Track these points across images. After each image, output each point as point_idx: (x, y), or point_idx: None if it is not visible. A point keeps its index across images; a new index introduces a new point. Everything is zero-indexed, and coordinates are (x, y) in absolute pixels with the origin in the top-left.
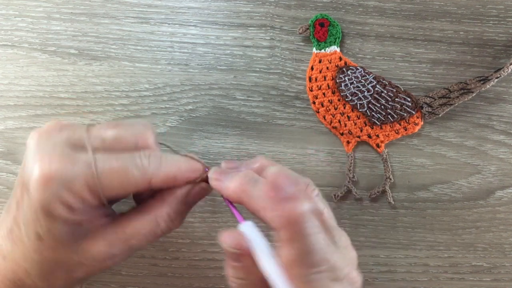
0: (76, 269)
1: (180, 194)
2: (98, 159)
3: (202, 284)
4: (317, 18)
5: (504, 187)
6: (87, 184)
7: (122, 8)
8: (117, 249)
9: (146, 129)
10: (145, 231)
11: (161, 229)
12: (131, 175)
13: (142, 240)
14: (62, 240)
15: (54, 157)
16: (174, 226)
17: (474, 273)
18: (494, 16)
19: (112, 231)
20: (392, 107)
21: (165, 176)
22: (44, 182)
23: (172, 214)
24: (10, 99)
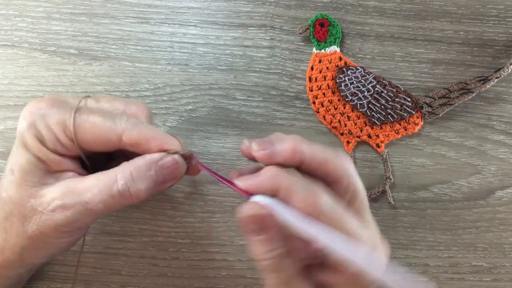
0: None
1: (150, 157)
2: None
3: (202, 284)
4: (317, 18)
5: (504, 187)
6: (62, 124)
7: (122, 8)
8: (70, 200)
9: (140, 108)
10: (100, 184)
11: (119, 187)
12: (104, 127)
13: (97, 195)
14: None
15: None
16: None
17: (474, 273)
18: (494, 16)
19: (69, 182)
20: (392, 107)
21: (138, 135)
22: (28, 112)
23: (135, 174)
24: (10, 99)
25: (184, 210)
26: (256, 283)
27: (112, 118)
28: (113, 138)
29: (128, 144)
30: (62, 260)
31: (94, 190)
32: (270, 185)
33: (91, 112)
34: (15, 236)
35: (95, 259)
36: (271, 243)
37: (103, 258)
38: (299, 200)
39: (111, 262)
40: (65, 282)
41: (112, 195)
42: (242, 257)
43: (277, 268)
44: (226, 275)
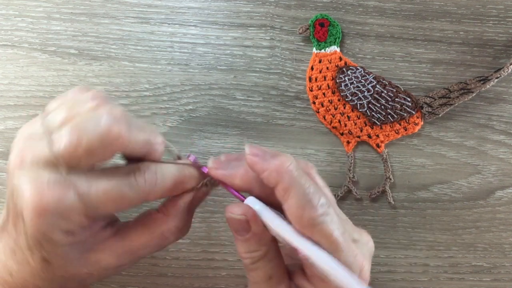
0: (86, 279)
1: (183, 204)
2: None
3: (202, 284)
4: (317, 18)
5: (504, 187)
6: (82, 211)
7: (122, 8)
8: (125, 260)
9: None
10: (153, 244)
11: (170, 241)
12: (126, 196)
13: (150, 251)
14: (69, 259)
15: (44, 186)
16: (182, 235)
17: (474, 273)
18: (494, 16)
19: (119, 245)
20: (392, 107)
21: (162, 191)
22: (38, 215)
23: (180, 225)
24: (10, 99)
25: None
26: None
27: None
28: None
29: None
30: None
31: (148, 249)
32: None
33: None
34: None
35: None
36: (251, 245)
37: None
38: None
39: None
40: None
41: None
42: None
43: (254, 267)
44: (226, 275)
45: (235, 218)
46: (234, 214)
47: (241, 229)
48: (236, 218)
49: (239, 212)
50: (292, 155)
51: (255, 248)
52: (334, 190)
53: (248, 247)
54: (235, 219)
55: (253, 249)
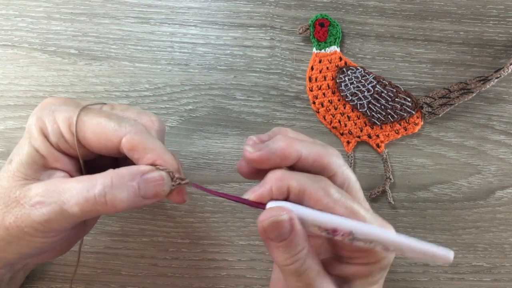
0: (10, 209)
1: (137, 168)
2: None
3: (202, 284)
4: (317, 18)
5: (504, 187)
6: (68, 119)
7: (122, 8)
8: (49, 198)
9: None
10: (79, 187)
11: (96, 192)
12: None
13: (73, 196)
14: (23, 168)
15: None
16: (111, 200)
17: (474, 273)
18: (494, 16)
19: (55, 180)
20: (392, 107)
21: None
22: (39, 106)
23: (116, 181)
24: (10, 99)
25: (184, 210)
26: (256, 283)
27: (118, 120)
28: (114, 139)
29: (126, 147)
30: (62, 260)
31: (73, 192)
32: (279, 188)
33: (99, 112)
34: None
35: (95, 259)
36: (294, 247)
37: (103, 258)
38: (311, 196)
39: (111, 262)
40: (65, 282)
41: (88, 199)
42: (242, 257)
43: (300, 271)
44: (226, 275)
45: (279, 221)
46: (277, 216)
47: (284, 232)
48: (280, 220)
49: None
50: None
51: (300, 247)
52: None
53: (293, 249)
54: (279, 222)
55: (299, 249)
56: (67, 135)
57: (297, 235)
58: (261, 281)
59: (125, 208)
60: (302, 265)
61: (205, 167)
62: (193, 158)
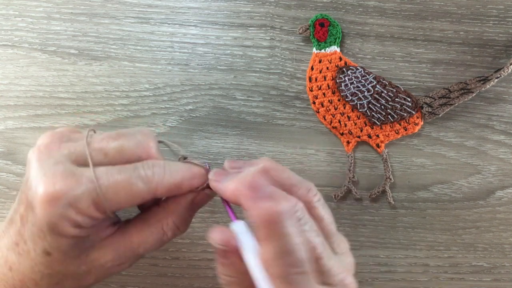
0: (85, 277)
1: (185, 202)
2: (101, 174)
3: (202, 284)
4: (317, 18)
5: (504, 187)
6: (92, 201)
7: (122, 8)
8: (124, 257)
9: (148, 138)
10: (152, 240)
11: (168, 237)
12: (136, 188)
13: (149, 248)
14: (70, 254)
15: (57, 176)
16: (180, 233)
17: (474, 273)
18: (494, 16)
19: (119, 241)
20: (392, 107)
21: (170, 185)
22: (49, 202)
23: (178, 222)
24: (10, 99)
25: None
26: None
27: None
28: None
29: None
30: None
31: (147, 246)
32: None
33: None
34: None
35: None
36: (227, 270)
37: None
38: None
39: None
40: None
41: (163, 244)
42: None
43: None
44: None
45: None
46: (214, 241)
47: (220, 255)
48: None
49: (219, 241)
50: (292, 155)
51: (230, 274)
52: (334, 190)
53: (225, 270)
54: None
55: (228, 274)
56: (98, 215)
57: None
58: None
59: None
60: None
61: None
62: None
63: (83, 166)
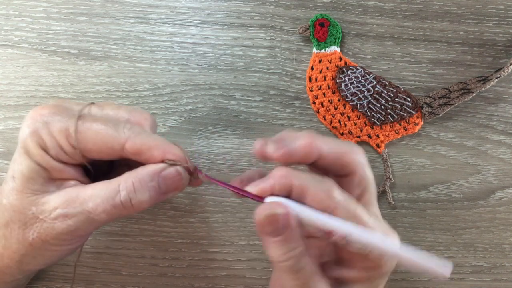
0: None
1: (153, 168)
2: (85, 118)
3: (202, 284)
4: (317, 18)
5: (504, 187)
6: (65, 131)
7: (122, 8)
8: (72, 209)
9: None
10: (103, 195)
11: (121, 198)
12: (107, 135)
13: (99, 205)
14: (29, 185)
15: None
16: (137, 203)
17: (474, 273)
18: (494, 16)
19: (72, 190)
20: (392, 107)
21: (140, 144)
22: (31, 117)
23: (138, 185)
24: (10, 99)
25: (184, 210)
26: (256, 283)
27: (116, 126)
28: (116, 146)
29: (131, 152)
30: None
31: (97, 200)
32: (282, 185)
33: (95, 120)
34: (15, 243)
35: (95, 259)
36: (289, 243)
37: (103, 258)
38: (313, 196)
39: (111, 262)
40: (65, 282)
41: (114, 205)
42: (242, 257)
43: (295, 269)
44: (226, 275)
45: (275, 215)
46: (273, 210)
47: (280, 227)
48: (276, 213)
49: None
50: None
51: (296, 245)
52: None
53: (289, 246)
54: (274, 215)
55: (294, 246)
56: (67, 147)
57: (292, 231)
58: (261, 281)
59: (149, 206)
60: (296, 263)
61: (205, 167)
62: (193, 158)
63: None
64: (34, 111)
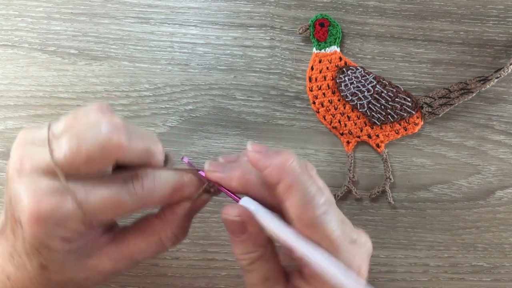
0: (83, 283)
1: (182, 211)
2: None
3: (202, 284)
4: (317, 18)
5: (504, 187)
6: (79, 219)
7: (122, 8)
8: (122, 265)
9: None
10: (150, 251)
11: (167, 247)
12: (124, 205)
13: (147, 257)
14: (67, 264)
15: (40, 195)
16: (179, 241)
17: (474, 273)
18: (494, 16)
19: (116, 250)
20: (392, 107)
21: (160, 199)
22: (36, 223)
23: (177, 232)
24: (10, 99)
25: None
26: None
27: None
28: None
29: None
30: None
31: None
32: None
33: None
34: None
35: None
36: (247, 246)
37: None
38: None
39: None
40: None
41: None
42: None
43: (251, 269)
44: (226, 275)
45: (231, 220)
46: (230, 215)
47: (237, 230)
48: (231, 220)
49: (235, 213)
50: None
51: (251, 249)
52: (334, 190)
53: (245, 248)
54: (231, 220)
55: (249, 250)
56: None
57: (249, 237)
58: None
59: None
60: (250, 265)
61: None
62: (193, 158)
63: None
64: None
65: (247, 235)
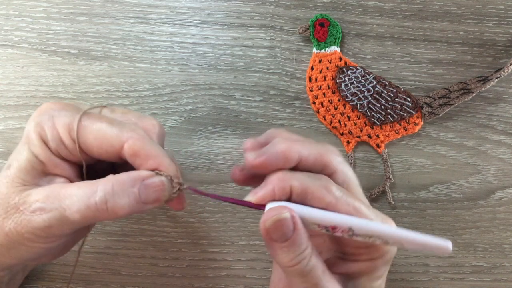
0: (10, 215)
1: (137, 173)
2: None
3: (202, 284)
4: (317, 18)
5: (504, 187)
6: (68, 125)
7: (122, 8)
8: (50, 204)
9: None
10: (79, 194)
11: (97, 198)
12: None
13: (74, 203)
14: (22, 173)
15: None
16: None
17: (474, 273)
18: (494, 16)
19: (56, 186)
20: (392, 107)
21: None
22: (38, 112)
23: (117, 188)
24: (10, 99)
25: (184, 210)
26: (256, 283)
27: (120, 125)
28: (116, 144)
29: (128, 153)
30: (62, 260)
31: (74, 198)
32: (282, 189)
33: (100, 117)
34: None
35: (95, 259)
36: (297, 247)
37: (103, 258)
38: (314, 194)
39: (111, 262)
40: (65, 282)
41: (89, 205)
42: (242, 257)
43: (305, 270)
44: (226, 275)
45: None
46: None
47: (287, 231)
48: (283, 218)
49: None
50: None
51: (304, 246)
52: None
53: (297, 248)
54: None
55: (303, 248)
56: (67, 141)
57: (300, 233)
58: (261, 281)
59: (126, 214)
60: (307, 265)
61: (205, 167)
62: (193, 158)
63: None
64: (43, 105)
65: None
